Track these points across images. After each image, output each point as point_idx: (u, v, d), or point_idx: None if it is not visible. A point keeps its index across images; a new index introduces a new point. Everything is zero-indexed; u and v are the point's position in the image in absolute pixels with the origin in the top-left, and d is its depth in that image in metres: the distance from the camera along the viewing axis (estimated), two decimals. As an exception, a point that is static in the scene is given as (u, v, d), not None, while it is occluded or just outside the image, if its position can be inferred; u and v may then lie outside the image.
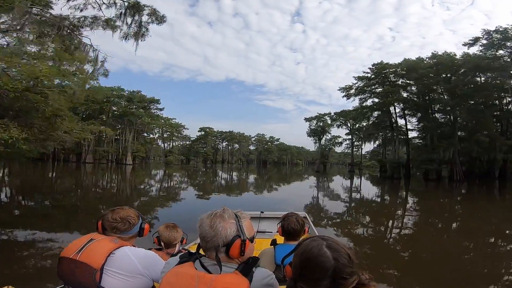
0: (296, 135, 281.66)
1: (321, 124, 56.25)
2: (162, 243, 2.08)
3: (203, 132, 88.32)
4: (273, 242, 1.95)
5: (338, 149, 76.27)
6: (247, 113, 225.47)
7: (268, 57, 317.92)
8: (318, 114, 56.43)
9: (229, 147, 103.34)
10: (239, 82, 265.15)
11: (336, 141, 72.73)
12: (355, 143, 58.46)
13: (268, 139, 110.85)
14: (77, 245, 1.44)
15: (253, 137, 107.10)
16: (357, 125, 53.04)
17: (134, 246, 1.54)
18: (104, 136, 50.42)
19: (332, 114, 55.10)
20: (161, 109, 59.67)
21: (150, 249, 1.82)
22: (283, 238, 2.01)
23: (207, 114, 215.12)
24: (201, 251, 1.13)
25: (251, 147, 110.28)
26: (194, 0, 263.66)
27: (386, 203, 16.53)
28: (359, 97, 40.43)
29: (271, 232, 3.64)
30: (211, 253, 1.08)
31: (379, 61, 37.15)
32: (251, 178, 33.75)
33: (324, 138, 58.72)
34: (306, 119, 57.76)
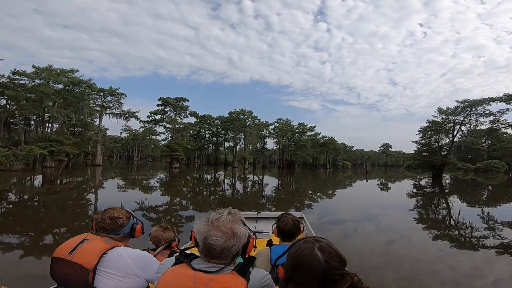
0: (323, 135, 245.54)
1: None
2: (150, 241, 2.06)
3: (169, 107, 47.00)
4: (269, 243, 1.88)
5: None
6: (273, 114, 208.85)
7: (292, 57, 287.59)
8: None
9: (227, 137, 62.26)
10: (263, 83, 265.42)
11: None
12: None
13: (296, 127, 68.15)
14: (69, 245, 1.39)
15: (271, 124, 65.31)
16: None
17: (128, 246, 1.49)
18: None
19: None
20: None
21: (145, 249, 1.83)
22: (279, 238, 1.96)
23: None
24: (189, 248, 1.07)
25: (271, 143, 68.80)
26: (216, 3, 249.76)
27: None
28: None
29: (268, 233, 3.58)
30: (223, 260, 1.02)
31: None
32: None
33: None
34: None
